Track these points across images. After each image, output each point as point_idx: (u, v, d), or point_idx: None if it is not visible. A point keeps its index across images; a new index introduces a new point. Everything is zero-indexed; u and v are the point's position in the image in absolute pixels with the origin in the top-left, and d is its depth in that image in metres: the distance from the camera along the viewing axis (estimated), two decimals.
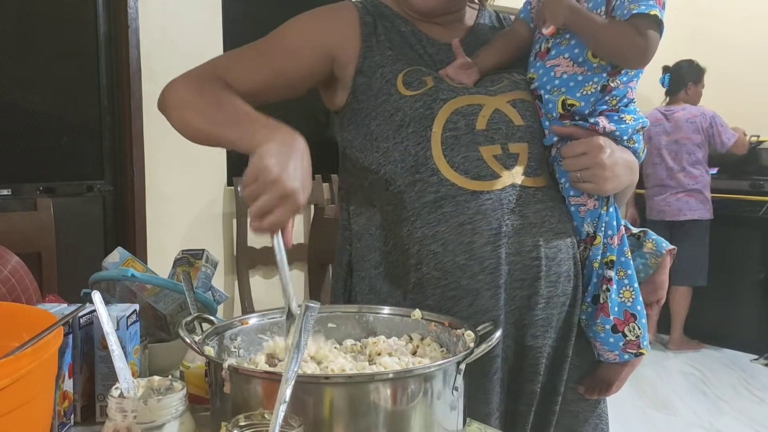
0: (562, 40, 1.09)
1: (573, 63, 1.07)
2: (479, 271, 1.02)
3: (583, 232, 1.11)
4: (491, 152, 1.06)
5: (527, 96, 1.12)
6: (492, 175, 1.05)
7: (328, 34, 1.15)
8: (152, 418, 0.68)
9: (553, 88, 1.09)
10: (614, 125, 1.09)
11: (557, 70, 1.08)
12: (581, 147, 1.06)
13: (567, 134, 1.09)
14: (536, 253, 1.04)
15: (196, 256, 1.32)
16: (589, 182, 1.06)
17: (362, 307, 0.98)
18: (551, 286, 1.06)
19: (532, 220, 1.05)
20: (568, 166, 1.08)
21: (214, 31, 3.13)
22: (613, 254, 1.10)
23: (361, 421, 0.70)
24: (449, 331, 0.90)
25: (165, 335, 1.17)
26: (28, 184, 2.78)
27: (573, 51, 1.07)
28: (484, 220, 1.03)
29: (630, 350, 1.11)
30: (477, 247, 1.02)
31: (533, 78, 1.12)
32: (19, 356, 0.65)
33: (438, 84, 1.09)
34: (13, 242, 1.35)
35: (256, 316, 0.93)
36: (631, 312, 1.10)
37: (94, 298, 0.78)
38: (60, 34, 2.83)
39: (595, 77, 1.07)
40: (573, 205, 1.11)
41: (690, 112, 4.06)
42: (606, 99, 1.08)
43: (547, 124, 1.11)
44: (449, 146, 1.06)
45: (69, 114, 2.87)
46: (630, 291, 1.11)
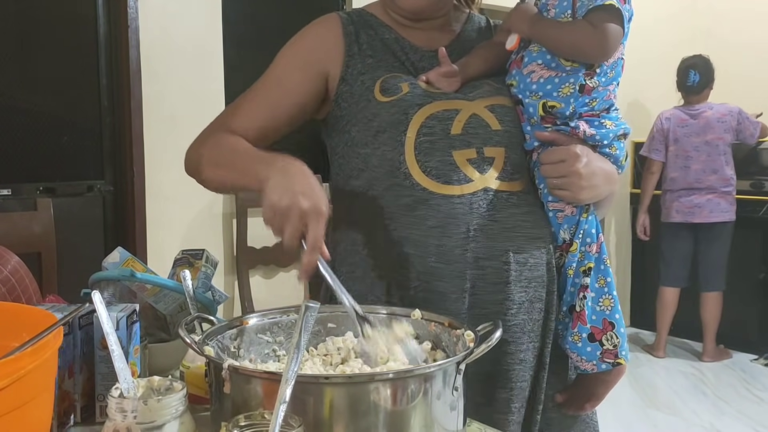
0: (534, 47, 1.09)
1: (546, 67, 1.08)
2: (447, 274, 1.03)
3: (560, 238, 1.11)
4: (465, 156, 1.07)
5: (507, 101, 1.12)
6: (464, 179, 1.05)
7: (313, 52, 1.18)
8: (152, 418, 0.68)
9: (531, 93, 1.09)
10: (594, 130, 1.09)
11: (533, 76, 1.09)
12: (559, 154, 1.07)
13: (548, 140, 1.09)
14: (506, 257, 1.04)
15: (196, 256, 1.32)
16: (565, 190, 1.07)
17: (362, 307, 0.98)
18: (522, 291, 1.05)
19: (504, 224, 1.05)
20: (545, 172, 1.08)
21: (214, 31, 3.12)
22: (591, 262, 1.09)
23: (361, 421, 0.71)
24: (449, 331, 0.90)
25: (165, 335, 1.17)
26: (28, 184, 2.78)
27: (545, 56, 1.08)
28: (453, 224, 1.04)
29: (607, 360, 1.09)
30: (446, 250, 1.03)
31: (512, 85, 1.12)
32: (19, 356, 0.65)
33: (413, 90, 1.10)
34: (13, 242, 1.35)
35: (256, 316, 0.94)
36: (610, 320, 1.09)
37: (94, 298, 0.79)
38: (60, 34, 2.83)
39: (570, 78, 1.07)
40: (551, 211, 1.11)
41: (719, 111, 3.94)
42: (586, 101, 1.08)
43: (529, 128, 1.11)
44: (423, 151, 1.06)
45: (69, 114, 2.87)
46: (609, 299, 1.10)
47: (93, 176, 2.94)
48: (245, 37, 3.27)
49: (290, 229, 0.88)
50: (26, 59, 2.74)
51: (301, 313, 0.69)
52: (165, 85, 2.95)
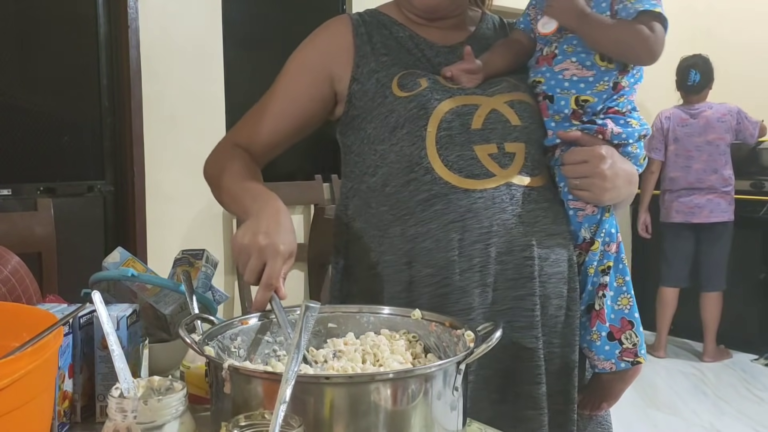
0: (568, 46, 1.09)
1: (581, 66, 1.08)
2: (468, 269, 1.03)
3: (580, 236, 1.10)
4: (486, 151, 1.07)
5: (526, 98, 1.12)
6: (486, 174, 1.05)
7: (320, 57, 1.18)
8: (152, 418, 0.68)
9: (563, 90, 1.09)
10: (621, 128, 1.09)
11: (566, 74, 1.09)
12: (583, 155, 1.06)
13: (572, 140, 1.09)
14: (528, 252, 1.04)
15: (196, 256, 1.32)
16: (587, 191, 1.07)
17: (362, 307, 0.98)
18: (543, 287, 1.05)
19: (525, 219, 1.05)
20: (567, 172, 1.08)
21: (214, 31, 3.13)
22: (611, 261, 1.10)
23: (361, 421, 0.70)
24: (449, 332, 0.90)
25: (165, 335, 1.17)
26: (28, 184, 2.78)
27: (580, 55, 1.08)
28: (474, 218, 1.03)
29: (626, 358, 1.09)
30: (467, 244, 1.03)
31: (539, 82, 1.12)
32: (19, 356, 0.65)
33: (432, 84, 1.10)
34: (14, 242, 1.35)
35: (256, 316, 0.93)
36: (629, 319, 1.09)
37: (94, 298, 0.78)
38: (60, 34, 2.83)
39: (605, 76, 1.07)
40: (571, 209, 1.10)
41: (719, 111, 3.93)
42: (615, 98, 1.08)
43: (553, 125, 1.11)
44: (443, 145, 1.06)
45: (69, 114, 2.87)
46: (627, 298, 1.10)
47: (93, 176, 2.95)
48: (245, 37, 3.27)
49: (249, 266, 0.93)
50: (26, 59, 2.74)
51: (301, 313, 0.69)
52: (165, 85, 2.95)
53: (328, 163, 3.56)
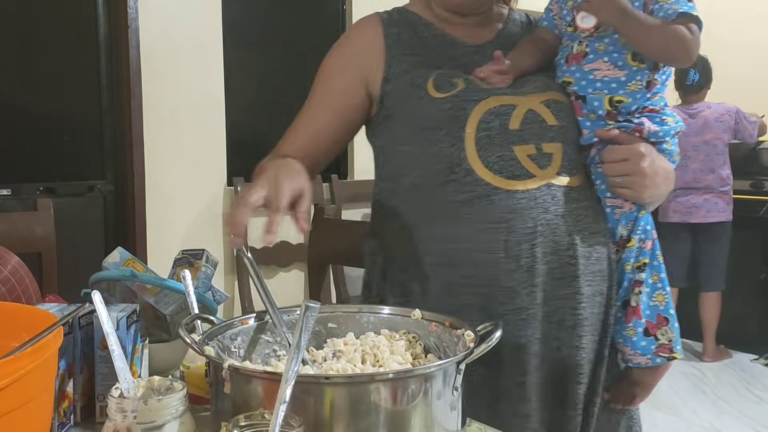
0: (599, 45, 1.08)
1: (613, 66, 1.07)
2: (515, 269, 1.02)
3: (618, 234, 1.11)
4: (525, 152, 1.06)
5: (560, 97, 1.11)
6: (526, 175, 1.05)
7: (353, 59, 1.18)
8: (152, 418, 0.68)
9: (594, 90, 1.09)
10: (657, 126, 1.09)
11: (597, 74, 1.08)
12: (623, 153, 1.06)
13: (610, 138, 1.08)
14: (573, 251, 1.04)
15: (196, 256, 1.32)
16: (628, 188, 1.07)
17: (362, 307, 0.98)
18: (588, 285, 1.06)
19: (567, 219, 1.05)
20: (608, 170, 1.08)
21: (214, 31, 3.13)
22: (646, 257, 1.10)
23: (361, 421, 0.70)
24: (449, 331, 0.90)
25: (165, 335, 1.17)
26: (28, 184, 2.78)
27: (612, 55, 1.07)
28: (519, 219, 1.03)
29: (662, 354, 1.10)
30: (512, 244, 1.03)
31: (569, 82, 1.11)
32: (19, 356, 0.65)
33: (468, 85, 1.09)
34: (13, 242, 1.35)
35: (256, 316, 0.93)
36: (664, 315, 1.10)
37: (94, 298, 0.78)
38: (60, 34, 2.83)
39: (637, 75, 1.07)
40: (608, 207, 1.11)
41: (717, 111, 3.91)
42: (648, 96, 1.08)
43: (588, 124, 1.11)
44: (483, 146, 1.06)
45: (69, 114, 2.87)
46: (663, 295, 1.11)
47: (93, 176, 2.95)
48: (245, 37, 3.27)
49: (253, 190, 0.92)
50: (26, 59, 2.74)
51: (301, 313, 0.69)
52: (165, 85, 2.95)
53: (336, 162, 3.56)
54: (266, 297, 0.90)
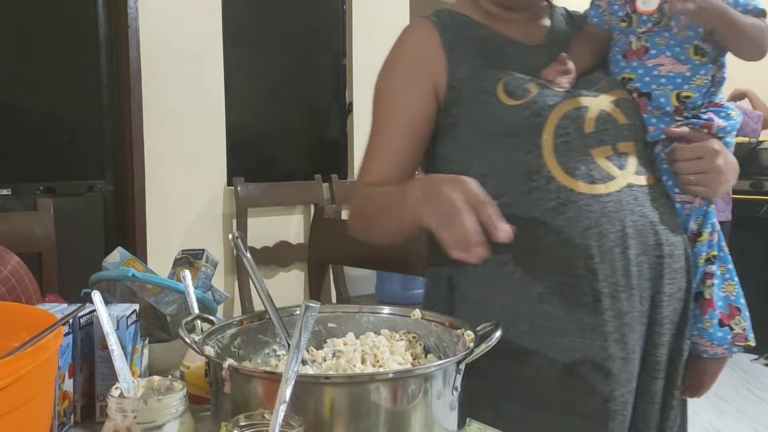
0: (660, 39, 1.07)
1: (677, 61, 1.06)
2: (611, 274, 1.01)
3: (689, 229, 1.11)
4: (603, 154, 1.05)
5: (626, 94, 1.10)
6: (607, 177, 1.04)
7: (419, 69, 1.13)
8: (152, 418, 0.68)
9: (659, 86, 1.08)
10: (724, 121, 1.08)
11: (661, 69, 1.07)
12: (697, 151, 1.05)
13: (679, 136, 1.07)
14: (659, 251, 1.04)
15: (196, 256, 1.32)
16: (703, 186, 1.07)
17: (362, 307, 0.98)
18: (671, 283, 1.06)
19: (651, 218, 1.05)
20: (682, 169, 1.07)
21: (214, 32, 3.13)
22: (715, 250, 1.11)
23: (361, 421, 0.70)
24: (449, 331, 0.90)
25: (165, 335, 1.17)
26: (28, 184, 2.78)
27: (674, 49, 1.06)
28: (609, 223, 1.02)
29: (738, 343, 1.12)
30: (606, 250, 1.01)
31: (630, 78, 1.10)
32: (19, 356, 0.65)
33: (542, 90, 1.07)
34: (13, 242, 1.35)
35: (256, 316, 0.93)
36: (736, 305, 1.12)
37: (94, 298, 0.78)
38: (60, 34, 2.83)
39: (701, 70, 1.06)
40: (678, 203, 1.11)
41: None
42: (713, 90, 1.08)
43: (654, 121, 1.09)
44: (561, 152, 1.04)
45: (69, 114, 2.87)
46: (732, 285, 1.12)
47: (93, 176, 2.95)
48: (245, 37, 3.27)
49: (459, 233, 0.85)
50: (26, 59, 2.74)
51: (301, 313, 0.69)
52: (165, 85, 2.95)
53: (328, 163, 3.56)
54: (265, 297, 0.90)
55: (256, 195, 3.20)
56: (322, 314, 0.95)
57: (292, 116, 3.44)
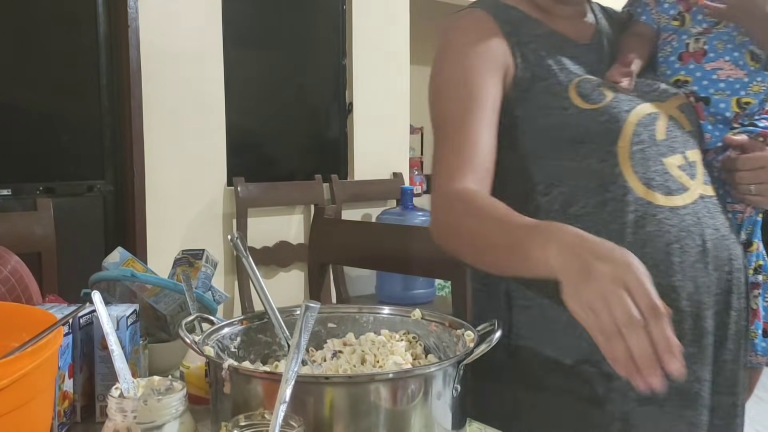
0: (718, 42, 1.04)
1: (735, 66, 1.04)
2: (694, 292, 0.97)
3: (740, 239, 1.08)
4: (675, 163, 1.00)
5: (687, 99, 1.06)
6: (681, 188, 0.99)
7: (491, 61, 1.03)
8: (152, 418, 0.68)
9: (717, 90, 1.05)
10: None
11: (720, 74, 1.04)
12: (760, 161, 1.02)
13: (739, 145, 1.04)
14: (730, 266, 1.00)
15: (196, 256, 1.32)
16: (762, 196, 1.03)
17: (362, 307, 0.98)
18: (739, 299, 1.02)
19: (722, 231, 1.01)
20: (744, 179, 1.03)
21: (214, 32, 3.12)
22: (761, 259, 1.09)
23: (361, 421, 0.70)
24: (449, 331, 0.90)
25: (165, 335, 1.17)
26: (28, 184, 2.78)
27: (732, 54, 1.04)
28: (689, 237, 0.97)
29: None
30: (687, 265, 0.97)
31: (685, 81, 1.06)
32: (19, 356, 0.65)
33: (618, 95, 1.02)
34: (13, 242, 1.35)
35: (256, 316, 0.93)
36: None
37: (94, 298, 0.79)
38: (60, 34, 2.83)
39: (758, 76, 1.04)
40: (730, 212, 1.07)
41: None
42: None
43: (710, 127, 1.06)
44: (637, 161, 0.99)
45: (69, 114, 2.87)
46: None
47: (93, 176, 2.94)
48: (245, 37, 3.27)
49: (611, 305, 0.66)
50: (26, 59, 2.74)
51: (301, 313, 0.69)
52: (165, 85, 2.95)
53: (328, 163, 3.56)
54: (264, 298, 0.90)
55: (256, 195, 3.20)
56: (322, 314, 0.95)
57: (292, 116, 3.44)
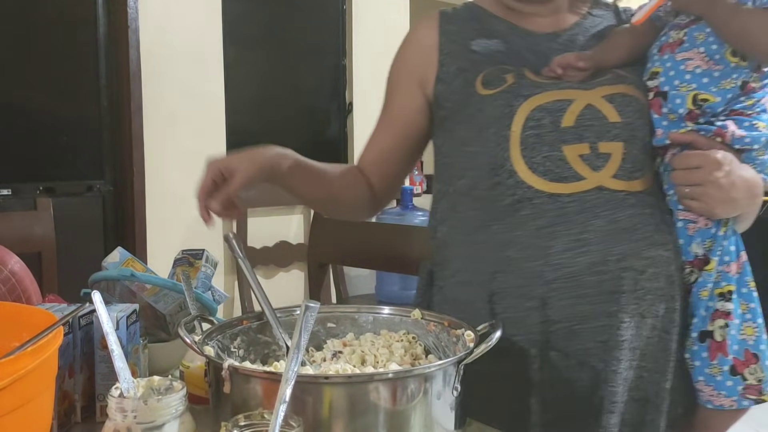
0: (699, 34, 0.96)
1: (709, 59, 0.95)
2: (554, 280, 0.95)
3: (690, 252, 1.00)
4: (577, 152, 0.98)
5: (631, 91, 1.01)
6: (574, 177, 0.97)
7: (408, 64, 1.16)
8: (152, 418, 0.68)
9: (682, 83, 0.97)
10: (745, 131, 0.96)
11: (689, 64, 0.96)
12: (696, 160, 0.94)
13: (685, 142, 0.98)
14: (623, 263, 0.95)
15: (196, 256, 1.32)
16: (698, 201, 0.95)
17: (361, 307, 0.98)
18: (636, 303, 0.95)
19: (621, 226, 0.96)
20: (676, 178, 0.97)
21: (214, 32, 3.12)
22: (731, 284, 0.98)
23: (360, 421, 0.71)
24: (448, 331, 0.90)
25: (165, 335, 1.17)
26: (28, 184, 2.78)
27: (710, 47, 0.95)
28: (563, 225, 0.96)
29: (750, 396, 0.99)
30: (555, 253, 0.95)
31: (657, 72, 1.00)
32: (19, 356, 0.65)
33: (519, 80, 1.02)
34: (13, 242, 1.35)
35: (256, 316, 0.93)
36: (753, 352, 0.98)
37: (94, 298, 0.79)
38: (60, 34, 2.83)
39: (734, 74, 0.95)
40: (680, 220, 1.00)
41: None
42: (742, 99, 0.96)
43: (665, 123, 1.00)
44: (529, 146, 0.98)
45: (69, 114, 2.87)
46: (753, 328, 0.98)
47: (93, 176, 2.94)
48: (245, 37, 3.27)
49: None
50: (26, 59, 2.74)
51: (301, 312, 0.69)
52: (165, 85, 2.95)
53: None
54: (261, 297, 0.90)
55: (256, 195, 3.20)
56: (321, 314, 0.95)
57: (292, 116, 3.44)
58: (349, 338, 0.94)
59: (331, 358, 0.91)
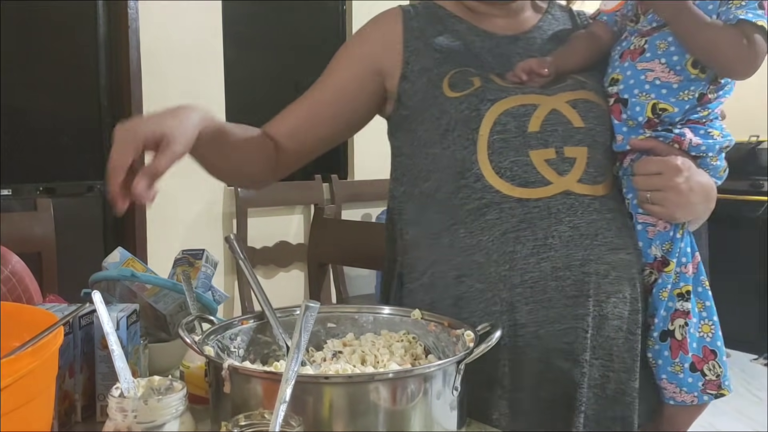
0: (661, 42, 0.99)
1: (669, 70, 0.98)
2: (519, 284, 0.96)
3: (650, 255, 1.02)
4: (543, 156, 0.98)
5: (592, 96, 1.03)
6: (541, 182, 0.98)
7: (367, 49, 1.13)
8: (152, 418, 0.68)
9: (642, 92, 0.99)
10: (701, 139, 0.99)
11: (649, 75, 0.99)
12: (656, 166, 0.97)
13: (646, 149, 1.00)
14: (587, 267, 0.96)
15: (196, 256, 1.32)
16: (659, 206, 0.97)
17: (361, 307, 0.98)
18: (599, 306, 0.97)
19: (584, 231, 0.97)
20: (638, 184, 0.99)
21: (214, 32, 3.13)
22: (688, 284, 1.01)
23: (360, 420, 0.71)
24: (449, 331, 0.90)
25: (165, 335, 1.17)
26: (28, 184, 2.78)
27: (671, 57, 0.98)
28: (529, 230, 0.96)
29: (710, 391, 1.01)
30: (519, 258, 0.96)
31: (617, 79, 1.02)
32: (19, 356, 0.65)
33: (486, 84, 1.02)
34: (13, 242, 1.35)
35: (256, 316, 0.94)
36: (711, 348, 1.01)
37: (94, 298, 0.79)
38: (60, 35, 2.83)
39: (692, 85, 0.98)
40: (640, 224, 1.02)
41: None
42: (699, 110, 1.00)
43: (625, 130, 1.02)
44: (496, 150, 0.99)
45: (69, 114, 2.87)
46: (709, 325, 1.02)
47: (93, 176, 2.95)
48: (245, 37, 3.27)
49: None
50: (26, 60, 2.75)
51: (301, 312, 0.69)
52: (165, 85, 2.95)
53: (327, 163, 3.56)
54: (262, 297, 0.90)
55: (256, 195, 3.20)
56: (321, 314, 0.95)
57: None
58: (349, 338, 0.94)
59: (331, 358, 0.91)
